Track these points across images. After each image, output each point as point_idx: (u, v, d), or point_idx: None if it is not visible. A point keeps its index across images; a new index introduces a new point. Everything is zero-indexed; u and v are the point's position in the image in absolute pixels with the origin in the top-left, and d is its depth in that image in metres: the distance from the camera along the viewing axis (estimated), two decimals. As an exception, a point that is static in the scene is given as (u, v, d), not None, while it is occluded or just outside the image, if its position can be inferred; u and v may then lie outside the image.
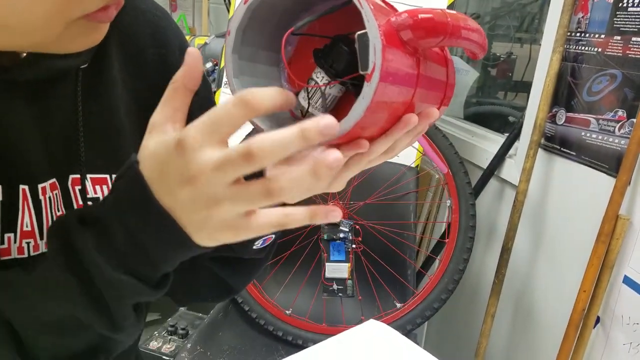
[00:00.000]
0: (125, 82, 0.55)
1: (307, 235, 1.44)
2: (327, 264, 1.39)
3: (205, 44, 2.10)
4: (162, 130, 0.37)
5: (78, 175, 0.51)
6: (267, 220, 0.37)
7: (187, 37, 2.28)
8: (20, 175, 0.48)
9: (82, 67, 0.50)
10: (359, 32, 0.36)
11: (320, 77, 0.40)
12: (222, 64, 2.01)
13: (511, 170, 1.47)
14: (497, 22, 2.19)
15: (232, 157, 0.33)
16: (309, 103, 0.41)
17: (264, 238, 0.53)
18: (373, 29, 0.34)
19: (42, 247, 0.50)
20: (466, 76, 1.99)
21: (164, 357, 1.47)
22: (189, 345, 1.26)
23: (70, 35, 0.42)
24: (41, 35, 0.40)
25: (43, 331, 0.42)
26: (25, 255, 0.49)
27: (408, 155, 1.53)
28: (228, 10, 1.77)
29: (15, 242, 0.48)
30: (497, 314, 1.43)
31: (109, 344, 0.44)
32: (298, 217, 0.37)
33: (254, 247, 0.53)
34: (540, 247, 1.39)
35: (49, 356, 0.43)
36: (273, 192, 0.34)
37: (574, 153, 1.25)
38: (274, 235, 0.54)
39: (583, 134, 1.21)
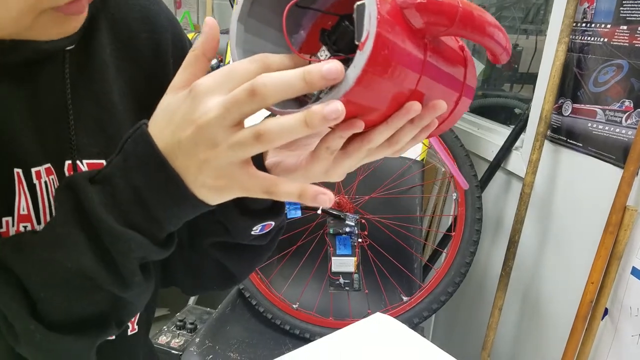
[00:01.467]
0: (117, 67, 0.54)
1: (313, 229, 1.44)
2: (333, 258, 1.39)
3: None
4: (179, 90, 0.39)
5: (73, 161, 0.51)
6: (257, 179, 0.38)
7: (192, 35, 2.28)
8: (14, 159, 0.48)
9: (69, 48, 0.50)
10: (358, 2, 0.35)
11: (323, 55, 0.39)
12: (227, 60, 2.01)
13: (517, 162, 1.46)
14: (502, 13, 2.18)
15: (236, 95, 0.35)
16: None
17: (262, 224, 0.52)
18: None
19: None
20: (471, 68, 1.99)
21: (173, 351, 1.48)
22: (197, 340, 1.27)
23: (42, 26, 0.42)
24: (13, 27, 0.41)
25: (55, 292, 0.42)
26: None
27: (414, 149, 1.53)
28: (232, 7, 1.77)
29: (13, 225, 0.48)
30: (505, 306, 1.43)
31: (119, 307, 0.45)
32: (287, 189, 0.38)
33: (252, 233, 0.52)
34: (547, 239, 1.39)
35: (61, 320, 0.43)
36: (262, 136, 0.35)
37: (580, 144, 1.24)
38: (273, 223, 0.53)
39: (589, 125, 1.20)
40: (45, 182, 0.50)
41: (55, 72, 0.50)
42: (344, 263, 1.40)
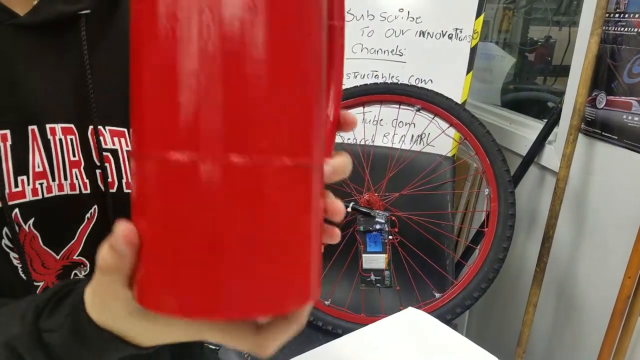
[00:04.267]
0: None
1: (343, 227, 1.45)
2: (364, 255, 1.40)
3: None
4: None
5: (94, 125, 0.53)
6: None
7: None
8: (30, 117, 0.50)
9: (85, 12, 0.53)
10: None
11: None
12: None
13: (551, 156, 1.44)
14: (533, 5, 2.14)
15: None
16: None
17: None
18: None
19: (55, 189, 0.51)
20: (502, 62, 1.96)
21: (211, 346, 1.51)
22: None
23: None
24: None
25: None
26: (40, 197, 0.50)
27: (444, 145, 1.52)
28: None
29: (28, 184, 0.49)
30: (539, 303, 1.41)
31: None
32: None
33: None
34: (582, 233, 1.36)
35: None
36: None
37: (615, 137, 1.21)
38: None
39: (624, 117, 1.18)
40: (60, 139, 0.51)
41: (75, 36, 0.53)
42: (374, 260, 1.41)
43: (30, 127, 0.50)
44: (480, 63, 1.97)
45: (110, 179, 0.55)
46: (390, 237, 1.40)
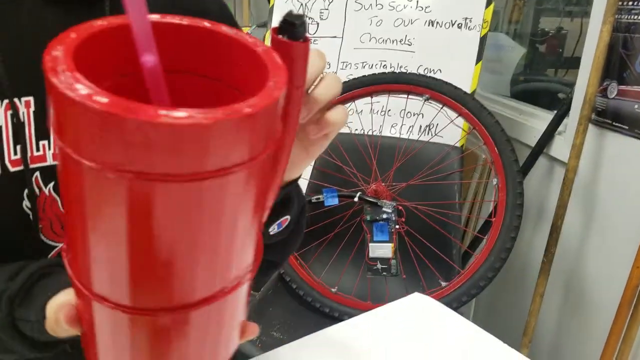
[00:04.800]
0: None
1: (350, 217, 1.46)
2: (370, 244, 1.40)
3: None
4: None
5: None
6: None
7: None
8: None
9: None
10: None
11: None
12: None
13: (561, 147, 1.43)
14: (545, -5, 2.12)
15: None
16: None
17: (277, 222, 0.52)
18: None
19: None
20: (512, 53, 1.95)
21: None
22: (241, 320, 1.32)
23: None
24: None
25: None
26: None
27: (452, 135, 1.51)
28: (269, 1, 1.79)
29: (49, 149, 0.52)
30: (546, 293, 1.41)
31: None
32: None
33: (270, 233, 0.52)
34: (591, 224, 1.36)
35: None
36: None
37: (626, 127, 1.20)
38: (288, 217, 0.53)
39: (636, 106, 1.17)
40: None
41: (100, 13, 0.54)
42: (381, 249, 1.41)
43: None
44: (490, 54, 1.96)
45: None
46: (397, 226, 1.41)
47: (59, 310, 0.34)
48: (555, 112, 1.47)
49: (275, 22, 1.86)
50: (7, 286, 0.46)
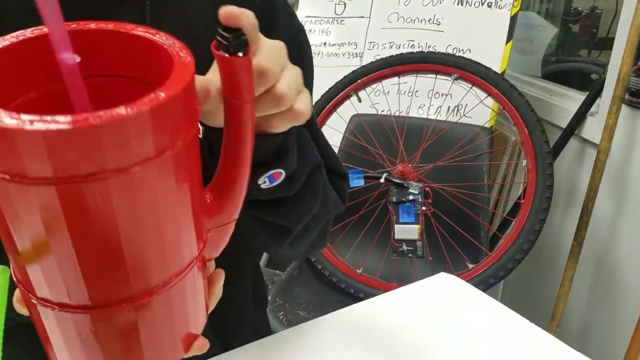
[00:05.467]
0: (201, 9, 0.57)
1: (376, 198, 1.45)
2: (396, 225, 1.40)
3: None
4: None
5: None
6: None
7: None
8: None
9: None
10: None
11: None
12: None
13: (592, 128, 1.40)
14: (578, -27, 2.06)
15: None
16: None
17: (267, 175, 0.49)
18: None
19: None
20: (543, 32, 1.90)
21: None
22: (269, 298, 1.33)
23: None
24: None
25: None
26: None
27: (481, 116, 1.49)
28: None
29: None
30: (576, 277, 1.39)
31: None
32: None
33: (262, 186, 0.50)
34: (623, 207, 1.33)
35: None
36: None
37: (662, 107, 1.17)
38: (282, 170, 0.50)
39: (673, 85, 1.13)
40: None
41: (141, 2, 0.54)
42: (407, 230, 1.40)
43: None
44: (521, 33, 1.91)
45: None
46: (424, 208, 1.40)
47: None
48: (588, 92, 1.44)
49: (303, 3, 1.85)
50: None
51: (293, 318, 1.28)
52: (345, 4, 1.76)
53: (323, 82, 1.52)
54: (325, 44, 1.78)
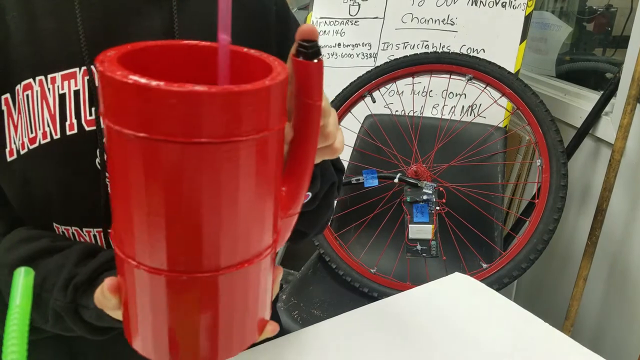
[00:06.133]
0: None
1: (390, 198, 1.46)
2: (410, 225, 1.41)
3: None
4: None
5: None
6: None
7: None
8: None
9: None
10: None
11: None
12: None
13: (607, 128, 1.40)
14: (593, -29, 2.05)
15: None
16: None
17: None
18: None
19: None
20: (558, 31, 1.89)
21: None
22: (284, 297, 1.35)
23: None
24: None
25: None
26: None
27: (495, 116, 1.50)
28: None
29: None
30: (590, 276, 1.39)
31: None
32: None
33: None
34: (637, 206, 1.32)
35: None
36: None
37: (678, 107, 1.17)
38: (309, 193, 0.58)
39: (689, 85, 1.13)
40: None
41: (166, 3, 0.57)
42: (421, 230, 1.41)
43: None
44: (535, 32, 1.91)
45: None
46: (438, 207, 1.40)
47: (104, 283, 0.38)
48: (602, 92, 1.43)
49: (317, 5, 1.87)
50: (75, 272, 0.52)
51: (308, 317, 1.29)
52: (359, 4, 1.77)
53: (337, 82, 1.53)
54: (339, 44, 1.79)
